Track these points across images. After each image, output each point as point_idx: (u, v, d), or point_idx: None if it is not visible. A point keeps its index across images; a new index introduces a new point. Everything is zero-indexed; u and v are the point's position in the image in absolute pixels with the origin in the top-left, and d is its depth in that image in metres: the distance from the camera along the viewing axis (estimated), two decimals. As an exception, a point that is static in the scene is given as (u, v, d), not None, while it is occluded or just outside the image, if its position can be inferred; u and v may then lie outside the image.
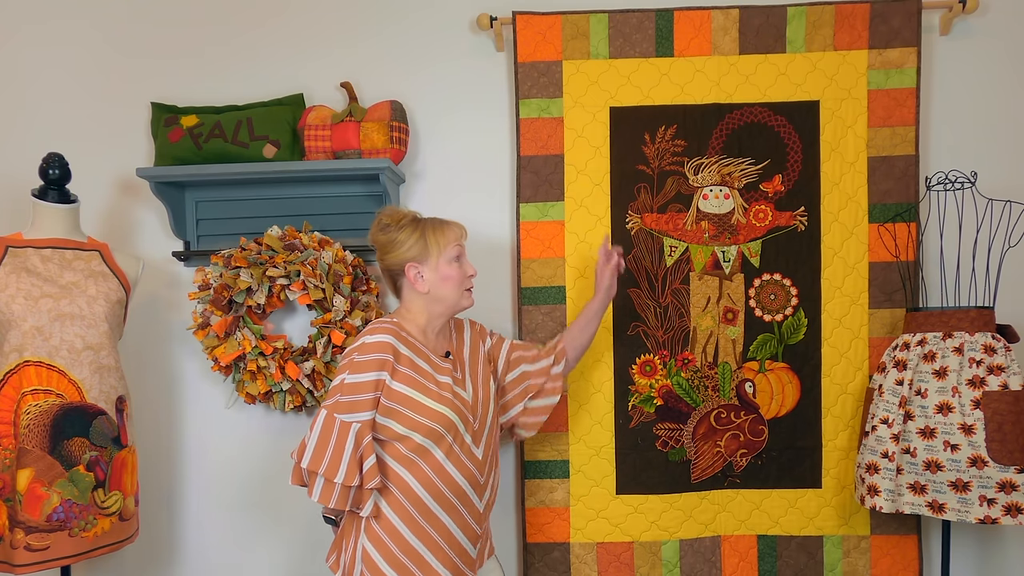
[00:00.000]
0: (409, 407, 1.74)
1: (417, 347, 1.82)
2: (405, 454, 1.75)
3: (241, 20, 2.46)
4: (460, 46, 2.42)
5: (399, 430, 1.74)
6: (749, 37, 2.28)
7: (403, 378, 1.76)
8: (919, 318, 2.08)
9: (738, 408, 2.29)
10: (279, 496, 2.46)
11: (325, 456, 1.69)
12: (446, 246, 1.83)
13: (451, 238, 1.85)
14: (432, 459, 1.76)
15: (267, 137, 2.28)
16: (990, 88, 2.31)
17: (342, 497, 1.70)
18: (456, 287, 1.85)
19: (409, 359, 1.79)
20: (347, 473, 1.68)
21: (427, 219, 1.88)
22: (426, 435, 1.74)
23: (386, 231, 1.86)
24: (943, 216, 2.26)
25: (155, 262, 2.46)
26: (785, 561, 2.30)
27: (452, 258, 1.84)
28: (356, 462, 1.69)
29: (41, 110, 2.50)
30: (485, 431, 1.87)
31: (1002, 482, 1.91)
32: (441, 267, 1.83)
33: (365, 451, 1.70)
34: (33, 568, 1.92)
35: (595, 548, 2.31)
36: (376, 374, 1.73)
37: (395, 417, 1.74)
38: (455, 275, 1.84)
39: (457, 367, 1.89)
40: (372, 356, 1.74)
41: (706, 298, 2.29)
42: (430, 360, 1.83)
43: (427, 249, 1.83)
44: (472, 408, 1.84)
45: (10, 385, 1.94)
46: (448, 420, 1.76)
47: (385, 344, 1.75)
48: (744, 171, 2.29)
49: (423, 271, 1.83)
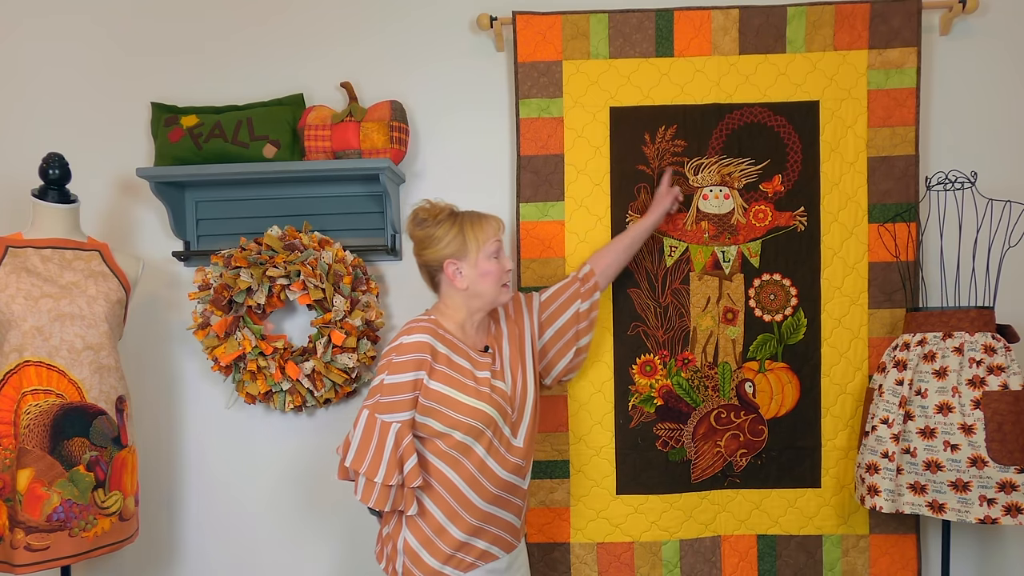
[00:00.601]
0: (448, 405, 1.75)
1: (455, 344, 1.83)
2: (446, 451, 1.77)
3: (241, 19, 2.46)
4: (460, 46, 2.41)
5: (439, 428, 1.75)
6: (749, 37, 2.28)
7: (441, 377, 1.76)
8: (919, 318, 2.08)
9: (738, 408, 2.29)
10: (279, 496, 2.46)
11: (367, 455, 1.71)
12: (485, 242, 1.82)
13: (490, 233, 1.83)
14: (474, 456, 1.78)
15: (267, 137, 2.28)
16: (990, 88, 2.31)
17: (382, 496, 1.72)
18: (495, 282, 1.84)
19: (447, 357, 1.79)
20: (387, 472, 1.70)
21: (464, 213, 1.86)
22: (467, 432, 1.76)
23: (423, 226, 1.84)
24: (943, 216, 2.26)
25: (155, 262, 2.46)
26: (785, 561, 2.30)
27: (491, 253, 1.83)
28: (396, 462, 1.71)
29: (41, 110, 2.50)
30: (525, 418, 1.88)
31: (1002, 482, 1.91)
32: (480, 263, 1.81)
33: (406, 451, 1.72)
34: (33, 568, 1.92)
35: (595, 548, 2.31)
36: (414, 374, 1.74)
37: (434, 416, 1.75)
38: (494, 270, 1.83)
39: (496, 360, 1.89)
40: (409, 356, 1.74)
41: (706, 298, 2.29)
42: (468, 356, 1.83)
43: (466, 245, 1.81)
44: (510, 399, 1.84)
45: (10, 385, 1.94)
46: (488, 416, 1.77)
47: (422, 344, 1.76)
48: (744, 171, 2.29)
49: (462, 267, 1.82)
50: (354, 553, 2.43)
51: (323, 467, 2.43)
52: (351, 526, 2.43)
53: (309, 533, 2.46)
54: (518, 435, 1.86)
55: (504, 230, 1.88)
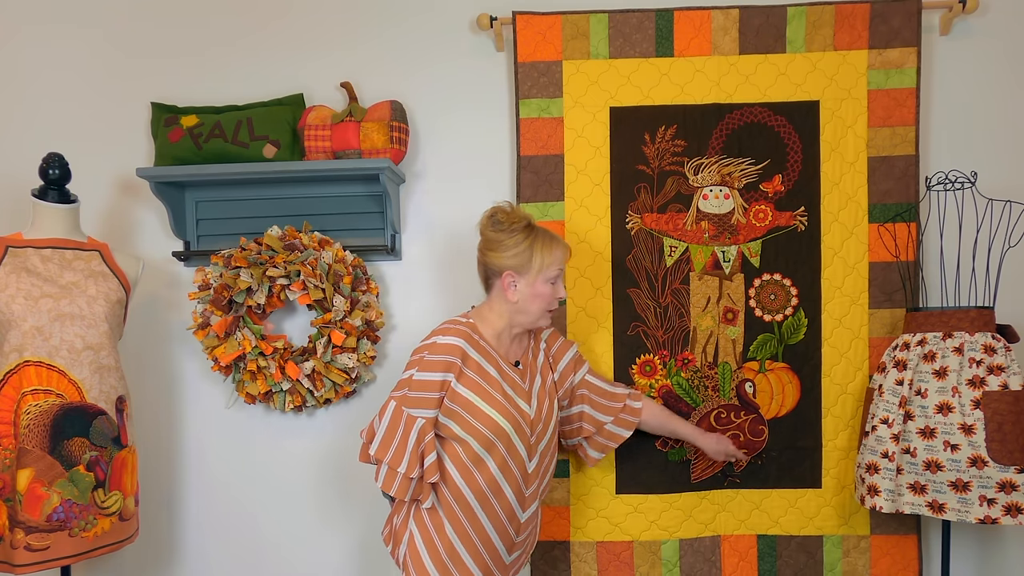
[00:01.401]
0: (469, 411, 1.78)
1: (488, 352, 1.85)
2: (463, 460, 1.79)
3: (241, 20, 2.46)
4: (460, 46, 2.41)
5: (458, 432, 1.78)
6: (749, 37, 2.28)
7: (468, 382, 1.79)
8: (919, 318, 2.08)
9: (738, 408, 2.29)
10: (279, 496, 2.46)
11: (392, 445, 1.75)
12: (549, 266, 1.84)
13: (557, 258, 1.85)
14: (486, 469, 1.80)
15: (267, 137, 2.28)
16: (990, 88, 2.31)
17: (403, 486, 1.75)
18: (543, 306, 1.86)
19: (477, 364, 1.81)
20: (409, 464, 1.73)
21: (540, 231, 1.87)
22: (482, 443, 1.78)
23: (497, 228, 1.86)
24: (943, 216, 2.26)
25: (155, 262, 2.46)
26: (785, 561, 2.30)
27: (550, 278, 1.85)
28: (417, 456, 1.74)
29: (41, 110, 2.50)
30: (542, 445, 1.89)
31: (1002, 482, 1.91)
32: (537, 284, 1.84)
33: (427, 447, 1.75)
34: (33, 568, 1.92)
35: (595, 547, 2.31)
36: (443, 375, 1.77)
37: (455, 419, 1.78)
38: (547, 295, 1.85)
39: (526, 379, 1.91)
40: (441, 357, 1.77)
41: (706, 298, 2.29)
42: (499, 367, 1.85)
43: (530, 263, 1.83)
44: (532, 423, 1.86)
45: (10, 385, 1.94)
46: (501, 429, 1.79)
47: (455, 347, 1.79)
48: (744, 171, 2.29)
49: (518, 282, 1.84)
50: (355, 552, 2.43)
51: (323, 467, 2.43)
52: (351, 526, 2.43)
53: (309, 533, 2.46)
54: (533, 459, 1.87)
55: (570, 258, 1.91)
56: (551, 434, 1.94)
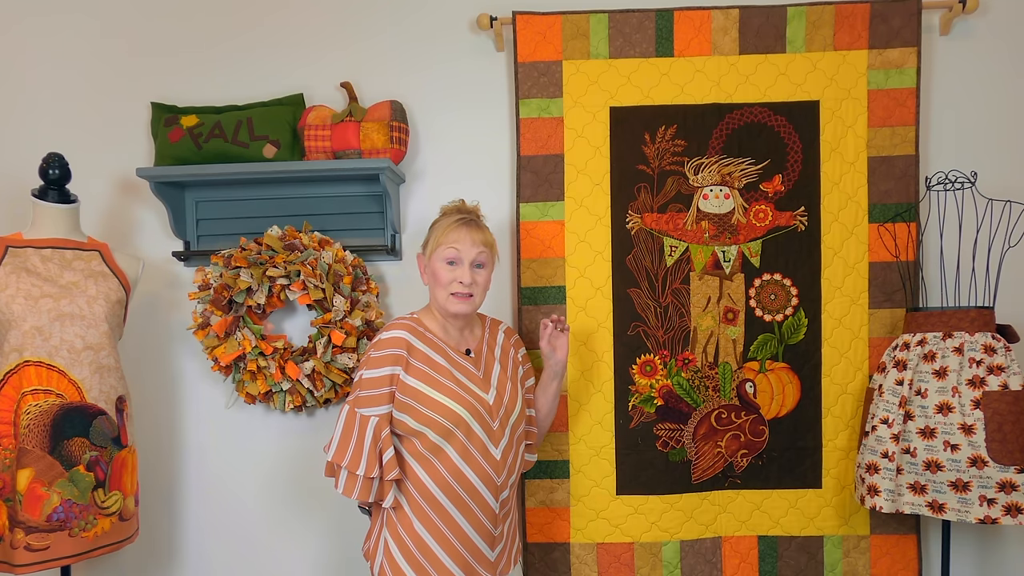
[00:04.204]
0: (420, 401, 1.77)
1: (434, 342, 1.85)
2: (422, 452, 1.78)
3: (241, 19, 2.46)
4: (460, 46, 2.41)
5: (413, 425, 1.77)
6: (749, 37, 2.28)
7: (416, 372, 1.79)
8: (919, 318, 2.08)
9: (739, 408, 2.29)
10: (279, 496, 2.46)
11: (348, 449, 1.75)
12: (441, 245, 1.84)
13: (451, 238, 1.82)
14: (447, 458, 1.78)
15: (267, 137, 2.28)
16: (990, 88, 2.31)
17: (365, 489, 1.75)
18: (441, 289, 1.84)
19: (424, 354, 1.82)
20: (367, 465, 1.73)
21: (458, 217, 1.87)
22: (439, 432, 1.76)
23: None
24: (943, 216, 2.26)
25: (155, 262, 2.46)
26: (785, 561, 2.30)
27: (445, 258, 1.83)
28: (375, 455, 1.74)
29: (41, 110, 2.50)
30: (506, 432, 1.86)
31: (1002, 482, 1.91)
32: (433, 263, 1.86)
33: (384, 444, 1.75)
34: (33, 568, 1.92)
35: (595, 548, 2.31)
36: (390, 369, 1.77)
37: (409, 412, 1.77)
38: (442, 276, 1.83)
39: (480, 367, 1.90)
40: (385, 352, 1.79)
41: (706, 298, 2.29)
42: (447, 355, 1.85)
43: (429, 242, 1.89)
44: (491, 409, 1.84)
45: (10, 385, 1.94)
46: (458, 416, 1.77)
47: (398, 340, 1.80)
48: (744, 171, 2.29)
49: (424, 264, 1.90)
50: (354, 553, 2.42)
51: (323, 467, 2.43)
52: (351, 526, 2.43)
53: (309, 533, 2.46)
54: (498, 446, 1.83)
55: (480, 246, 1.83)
56: (516, 420, 1.89)
